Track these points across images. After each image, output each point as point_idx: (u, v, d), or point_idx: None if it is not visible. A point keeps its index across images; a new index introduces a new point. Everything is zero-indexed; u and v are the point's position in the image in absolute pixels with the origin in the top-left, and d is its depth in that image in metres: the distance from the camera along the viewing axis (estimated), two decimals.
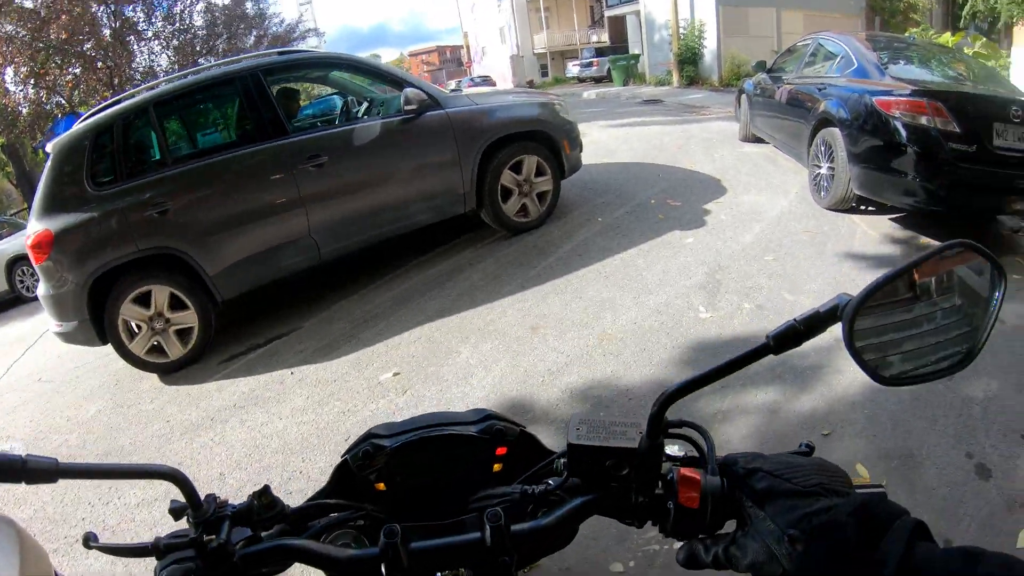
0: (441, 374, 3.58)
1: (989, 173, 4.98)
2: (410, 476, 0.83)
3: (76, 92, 17.88)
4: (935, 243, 5.11)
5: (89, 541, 0.72)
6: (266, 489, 0.76)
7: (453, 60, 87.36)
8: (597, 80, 29.50)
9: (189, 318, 4.52)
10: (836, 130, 5.67)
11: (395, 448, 0.81)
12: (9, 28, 16.00)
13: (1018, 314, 3.98)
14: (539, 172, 5.62)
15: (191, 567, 0.70)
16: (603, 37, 36.68)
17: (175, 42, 20.11)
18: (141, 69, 19.69)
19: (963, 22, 17.63)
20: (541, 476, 0.79)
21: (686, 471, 0.68)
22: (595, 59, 30.54)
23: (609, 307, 4.12)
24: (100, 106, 5.19)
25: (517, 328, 4.00)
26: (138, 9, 19.09)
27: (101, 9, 17.85)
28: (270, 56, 5.38)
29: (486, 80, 36.27)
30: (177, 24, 20.14)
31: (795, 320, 0.67)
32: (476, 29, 47.38)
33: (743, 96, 9.29)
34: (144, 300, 4.41)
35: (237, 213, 4.62)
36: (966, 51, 15.95)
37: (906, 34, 20.25)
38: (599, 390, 3.25)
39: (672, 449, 0.73)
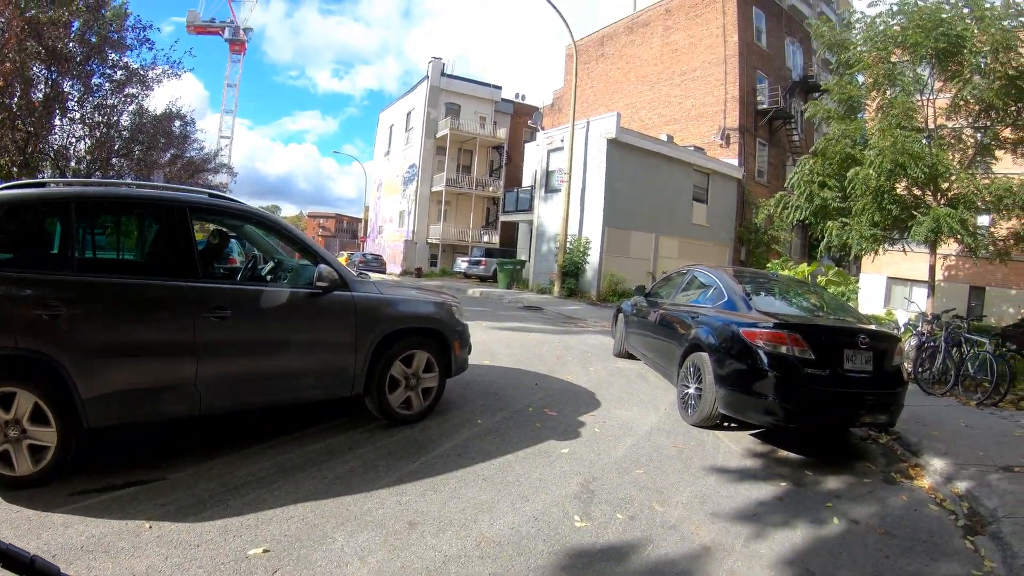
0: (314, 559, 3.44)
1: (840, 393, 5.66)
2: None
3: None
4: (793, 456, 5.66)
5: None
6: None
7: (348, 231, 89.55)
8: (483, 279, 31.36)
9: (48, 436, 4.03)
10: (705, 355, 6.29)
11: None
12: None
13: (868, 514, 4.63)
14: (427, 368, 5.81)
15: None
16: (494, 239, 39.58)
17: (97, 133, 19.54)
18: (56, 146, 18.94)
19: (819, 254, 20.07)
20: None
21: None
22: (484, 259, 32.71)
23: (487, 510, 4.18)
24: (18, 182, 4.94)
25: (394, 521, 3.95)
26: (76, 86, 18.58)
27: (42, 71, 17.32)
28: (200, 195, 5.29)
29: (377, 258, 38.05)
30: (106, 117, 19.66)
31: None
32: (378, 207, 49.25)
33: (620, 315, 10.14)
34: (5, 402, 3.92)
35: (128, 342, 4.35)
36: (820, 279, 18.12)
37: (768, 266, 22.68)
38: None
39: None
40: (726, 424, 6.38)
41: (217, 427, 5.34)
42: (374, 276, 6.46)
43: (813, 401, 5.64)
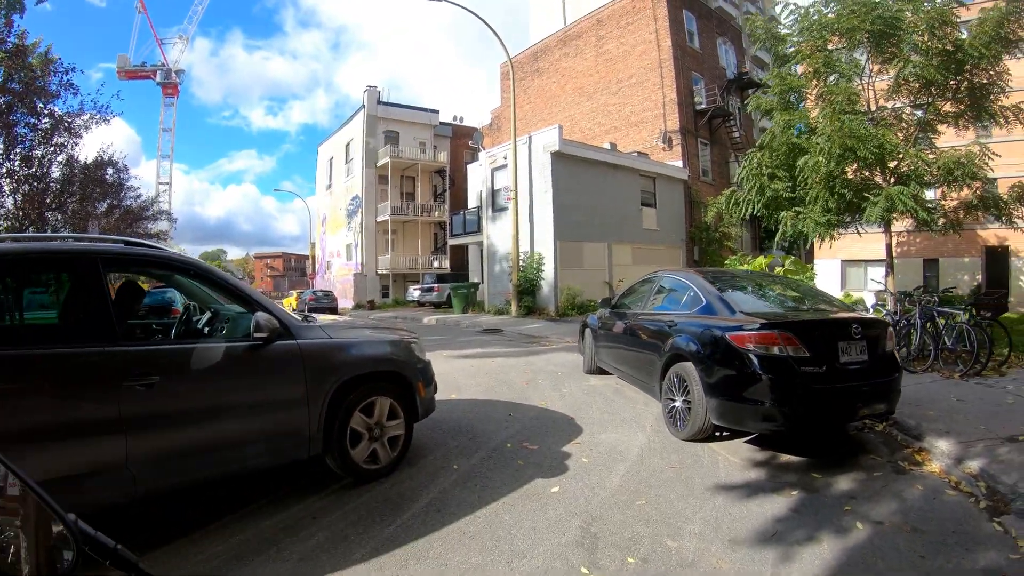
0: None
1: (841, 388, 5.40)
2: None
3: None
4: (795, 459, 5.09)
5: None
6: None
7: (297, 269, 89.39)
8: (437, 305, 30.94)
9: None
10: (689, 364, 5.92)
11: None
12: None
13: (890, 512, 4.33)
14: (391, 415, 5.22)
15: None
16: (445, 264, 39.61)
17: (26, 187, 18.39)
18: None
19: (775, 245, 20.12)
20: None
21: None
22: (436, 285, 32.21)
23: (481, 575, 3.60)
24: None
25: None
26: None
27: None
28: (113, 244, 4.54)
29: (328, 295, 37.59)
30: (35, 169, 18.49)
31: None
32: (324, 242, 49.12)
33: (587, 330, 9.79)
34: None
35: (39, 423, 3.58)
36: (777, 270, 18.37)
37: (726, 263, 22.78)
38: None
39: None
40: (718, 434, 5.98)
41: (155, 509, 4.58)
42: (325, 316, 5.88)
43: (814, 401, 5.33)
